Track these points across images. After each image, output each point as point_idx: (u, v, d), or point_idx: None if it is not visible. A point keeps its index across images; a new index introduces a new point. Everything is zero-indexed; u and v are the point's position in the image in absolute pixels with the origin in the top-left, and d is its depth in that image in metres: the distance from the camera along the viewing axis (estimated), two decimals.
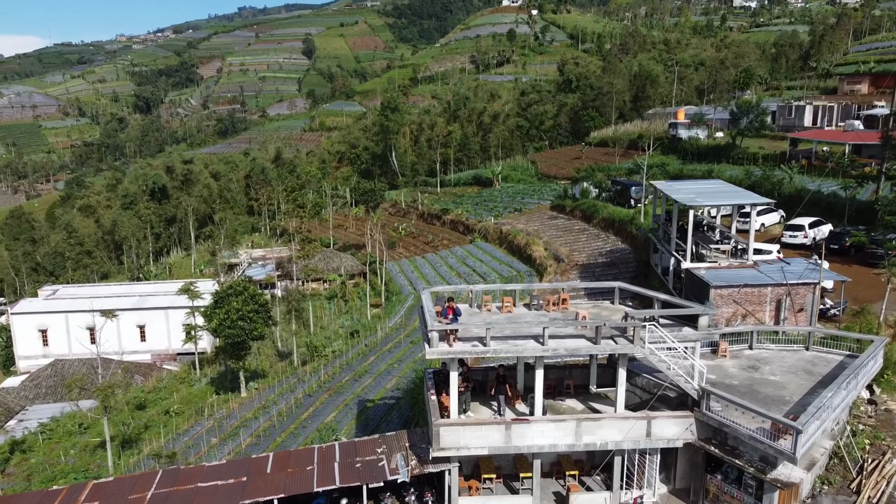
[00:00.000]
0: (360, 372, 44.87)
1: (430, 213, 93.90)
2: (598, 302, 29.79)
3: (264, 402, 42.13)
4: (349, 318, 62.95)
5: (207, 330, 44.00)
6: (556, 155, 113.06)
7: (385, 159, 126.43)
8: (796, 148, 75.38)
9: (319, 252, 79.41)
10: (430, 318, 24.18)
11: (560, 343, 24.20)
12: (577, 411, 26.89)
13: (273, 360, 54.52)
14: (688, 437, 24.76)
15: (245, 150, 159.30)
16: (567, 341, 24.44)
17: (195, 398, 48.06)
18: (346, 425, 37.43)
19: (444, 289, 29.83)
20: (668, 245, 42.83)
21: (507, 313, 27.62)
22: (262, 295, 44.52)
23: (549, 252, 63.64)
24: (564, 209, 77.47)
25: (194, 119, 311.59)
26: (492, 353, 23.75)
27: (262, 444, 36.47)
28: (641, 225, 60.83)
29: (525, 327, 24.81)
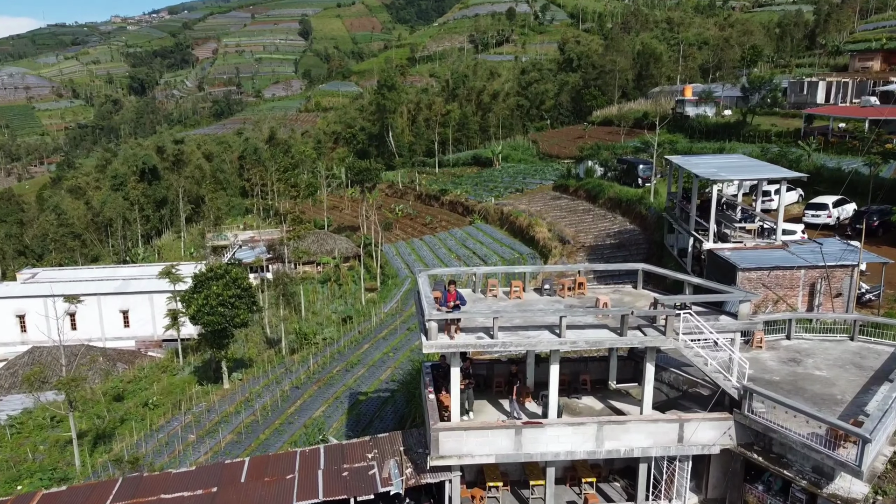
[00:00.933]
0: (353, 361, 41.44)
1: (428, 194, 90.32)
2: (619, 286, 26.21)
3: (248, 395, 38.70)
4: (343, 303, 59.44)
5: (186, 316, 40.47)
6: (558, 134, 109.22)
7: (382, 139, 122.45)
8: (811, 125, 71.65)
9: (312, 234, 75.73)
10: (427, 305, 20.63)
11: (579, 334, 20.65)
12: (596, 411, 23.42)
13: (261, 347, 51.03)
14: (726, 443, 21.30)
15: (238, 130, 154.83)
16: (587, 332, 20.88)
17: (177, 389, 44.64)
18: (336, 421, 34.03)
19: (444, 271, 26.23)
20: (686, 224, 39.27)
21: (515, 299, 24.06)
22: (245, 279, 40.95)
23: (553, 233, 60.08)
24: (568, 189, 74.13)
25: (190, 101, 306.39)
26: (500, 346, 20.20)
27: (243, 443, 33.10)
28: (651, 205, 57.39)
29: (538, 316, 21.24)
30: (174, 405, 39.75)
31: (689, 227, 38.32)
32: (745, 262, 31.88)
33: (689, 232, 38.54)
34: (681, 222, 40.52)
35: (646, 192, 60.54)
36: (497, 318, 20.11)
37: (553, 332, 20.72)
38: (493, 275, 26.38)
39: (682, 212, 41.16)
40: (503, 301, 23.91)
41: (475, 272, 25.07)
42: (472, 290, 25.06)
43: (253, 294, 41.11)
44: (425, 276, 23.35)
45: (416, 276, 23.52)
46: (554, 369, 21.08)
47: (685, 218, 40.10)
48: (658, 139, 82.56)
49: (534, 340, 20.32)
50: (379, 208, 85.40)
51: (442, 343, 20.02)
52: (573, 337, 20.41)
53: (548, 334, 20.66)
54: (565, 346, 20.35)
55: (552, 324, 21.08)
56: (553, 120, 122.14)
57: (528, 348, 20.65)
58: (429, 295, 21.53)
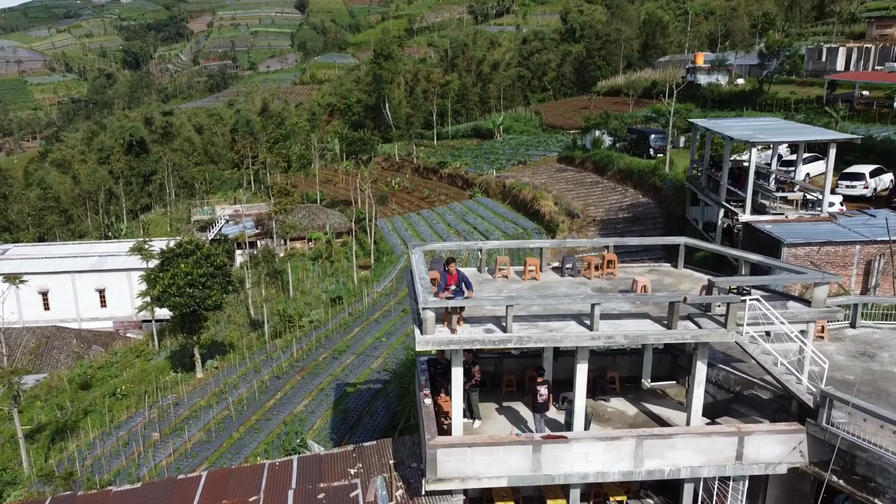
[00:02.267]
0: (341, 347, 37.01)
1: (425, 167, 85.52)
2: (654, 265, 21.62)
3: (223, 386, 34.34)
4: (334, 282, 54.95)
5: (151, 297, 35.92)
6: (562, 105, 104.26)
7: (378, 111, 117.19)
8: (834, 92, 66.85)
9: (304, 208, 71.01)
10: (422, 288, 16.09)
11: (616, 327, 16.12)
12: (629, 418, 18.98)
13: (244, 330, 46.61)
14: (795, 460, 16.89)
15: (229, 102, 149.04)
16: (626, 323, 16.35)
17: (149, 376, 40.31)
18: (320, 417, 29.67)
19: (443, 246, 21.60)
20: (715, 195, 34.66)
21: (530, 281, 19.50)
22: (218, 255, 36.32)
23: (560, 207, 55.46)
24: (574, 161, 69.57)
25: (185, 75, 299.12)
26: (516, 341, 15.66)
27: (213, 442, 28.79)
28: (667, 176, 52.86)
29: (564, 303, 16.65)
30: (141, 396, 35.41)
31: (720, 197, 33.74)
32: (791, 237, 27.36)
33: (719, 203, 33.97)
34: (708, 193, 35.92)
35: (659, 162, 55.94)
36: (512, 306, 15.55)
37: (582, 322, 16.21)
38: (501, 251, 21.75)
39: (709, 181, 36.55)
40: (516, 283, 19.36)
41: (480, 247, 20.48)
42: (478, 270, 20.50)
43: (228, 273, 36.55)
44: (420, 253, 18.77)
45: (409, 253, 18.90)
46: (581, 370, 16.59)
47: (714, 188, 35.52)
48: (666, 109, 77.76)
49: (558, 334, 15.77)
50: (374, 182, 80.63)
51: (441, 338, 15.50)
52: (608, 330, 15.89)
53: (575, 326, 16.14)
54: (598, 342, 15.82)
55: (580, 312, 16.57)
56: (556, 91, 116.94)
57: (550, 344, 16.10)
58: (424, 276, 16.97)
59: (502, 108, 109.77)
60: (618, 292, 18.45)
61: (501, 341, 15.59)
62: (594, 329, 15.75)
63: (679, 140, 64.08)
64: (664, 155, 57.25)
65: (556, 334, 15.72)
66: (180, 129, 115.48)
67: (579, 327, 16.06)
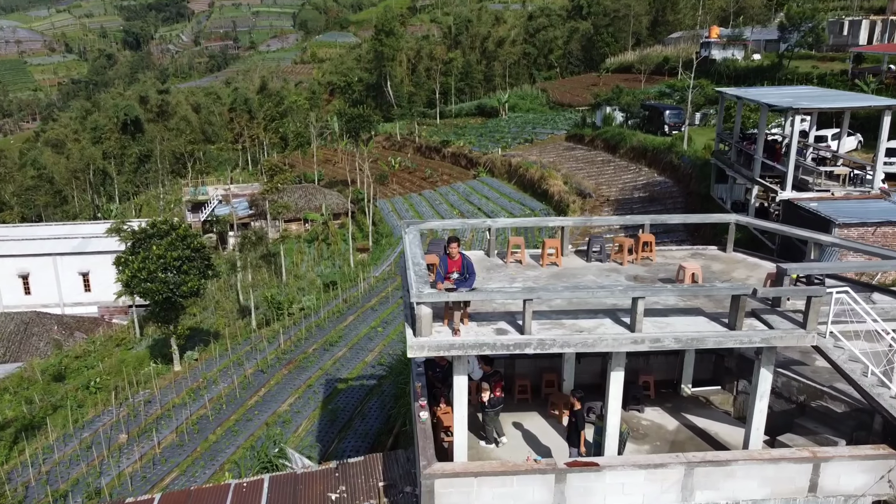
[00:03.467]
0: (333, 338, 33.61)
1: (428, 146, 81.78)
2: (698, 248, 18.02)
3: (202, 380, 31.01)
4: (330, 265, 51.49)
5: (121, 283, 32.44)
6: (569, 82, 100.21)
7: (379, 90, 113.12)
8: (859, 66, 62.76)
9: (300, 187, 67.42)
10: (416, 277, 12.56)
11: (663, 326, 12.58)
12: (670, 433, 15.52)
13: (232, 317, 43.22)
14: (883, 492, 13.43)
15: (226, 80, 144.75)
16: (674, 322, 12.82)
17: (128, 367, 37.01)
18: (306, 419, 26.32)
19: (443, 225, 18.01)
20: (747, 170, 31.00)
21: (550, 267, 15.96)
22: (196, 237, 32.74)
23: (570, 186, 51.80)
24: (583, 139, 65.88)
25: (185, 56, 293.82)
26: (536, 345, 12.12)
27: (185, 446, 25.48)
28: (685, 153, 49.13)
29: (596, 295, 13.02)
30: (113, 391, 32.09)
31: (753, 173, 30.09)
32: (843, 216, 23.78)
33: (752, 179, 30.32)
34: (739, 168, 32.25)
35: (676, 139, 52.20)
36: (532, 300, 11.99)
37: (619, 321, 12.68)
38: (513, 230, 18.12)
39: (739, 155, 32.87)
40: (532, 270, 15.83)
41: (489, 226, 16.91)
42: (486, 254, 16.97)
43: (207, 256, 33.06)
44: (415, 233, 15.21)
45: (403, 233, 15.36)
46: (616, 379, 13.07)
47: (745, 162, 31.88)
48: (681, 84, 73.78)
49: (590, 337, 12.22)
50: (375, 161, 76.98)
51: (439, 342, 11.97)
52: (654, 331, 12.35)
53: (611, 325, 12.62)
54: (642, 346, 12.28)
55: (615, 307, 13.03)
56: (562, 69, 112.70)
57: (581, 349, 12.53)
58: (420, 261, 13.43)
59: (507, 86, 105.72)
60: (658, 281, 14.90)
61: (517, 345, 12.06)
62: (636, 329, 12.21)
63: (695, 117, 60.41)
64: (680, 132, 53.69)
65: (587, 337, 12.18)
66: (177, 107, 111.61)
67: (616, 327, 12.53)
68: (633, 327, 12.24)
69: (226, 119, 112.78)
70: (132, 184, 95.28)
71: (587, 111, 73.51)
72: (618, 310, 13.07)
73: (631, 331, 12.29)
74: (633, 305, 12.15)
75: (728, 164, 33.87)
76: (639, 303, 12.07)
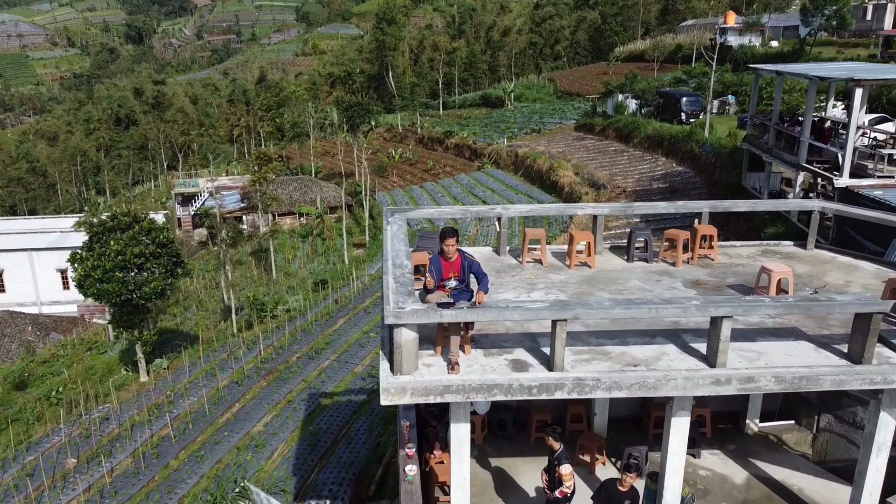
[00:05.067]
0: (320, 344, 29.76)
1: (430, 137, 77.85)
2: (770, 244, 14.00)
3: (169, 394, 27.18)
4: (324, 262, 47.66)
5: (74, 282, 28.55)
6: (578, 72, 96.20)
7: (381, 81, 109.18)
8: (889, 50, 58.66)
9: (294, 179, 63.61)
10: (395, 285, 8.62)
11: (754, 359, 8.60)
12: (739, 489, 11.59)
13: (216, 318, 39.40)
14: None
15: (224, 70, 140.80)
16: (767, 350, 8.86)
17: (97, 374, 33.31)
18: (284, 441, 22.49)
19: (438, 213, 14.01)
20: (790, 155, 27.01)
21: (579, 268, 12.02)
22: (162, 231, 28.79)
23: (581, 178, 47.85)
24: (594, 129, 62.05)
25: (188, 50, 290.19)
26: (571, 386, 8.15)
27: (142, 474, 21.67)
28: (706, 141, 45.18)
29: (658, 312, 8.93)
30: (69, 404, 28.29)
31: (798, 157, 26.06)
32: None
33: (797, 165, 26.30)
34: (779, 153, 28.22)
35: (696, 126, 48.24)
36: (565, 322, 8.02)
37: (685, 347, 8.73)
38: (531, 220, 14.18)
39: (779, 139, 28.85)
40: (557, 272, 11.90)
41: (499, 215, 12.94)
42: (494, 251, 13.03)
43: (176, 252, 29.14)
44: (400, 222, 11.29)
45: (384, 223, 11.42)
46: (680, 429, 9.10)
47: (787, 147, 27.84)
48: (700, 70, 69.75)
49: (651, 375, 8.26)
50: (375, 153, 73.10)
51: (429, 384, 8.04)
52: (743, 365, 8.37)
53: (676, 354, 8.69)
54: (728, 388, 8.30)
55: (678, 326, 9.09)
56: (570, 59, 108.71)
57: (641, 393, 8.51)
58: (402, 261, 9.48)
59: (513, 76, 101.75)
60: (727, 288, 10.96)
61: (544, 387, 8.12)
62: (717, 363, 8.26)
63: (713, 105, 56.47)
64: (698, 119, 49.87)
65: (646, 375, 8.22)
66: (173, 99, 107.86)
67: (685, 357, 8.60)
68: (714, 359, 8.30)
69: (224, 111, 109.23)
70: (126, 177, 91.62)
71: (598, 100, 69.57)
72: (682, 330, 9.14)
73: (710, 364, 8.35)
74: (715, 328, 8.21)
75: (765, 149, 29.84)
76: (723, 324, 8.11)
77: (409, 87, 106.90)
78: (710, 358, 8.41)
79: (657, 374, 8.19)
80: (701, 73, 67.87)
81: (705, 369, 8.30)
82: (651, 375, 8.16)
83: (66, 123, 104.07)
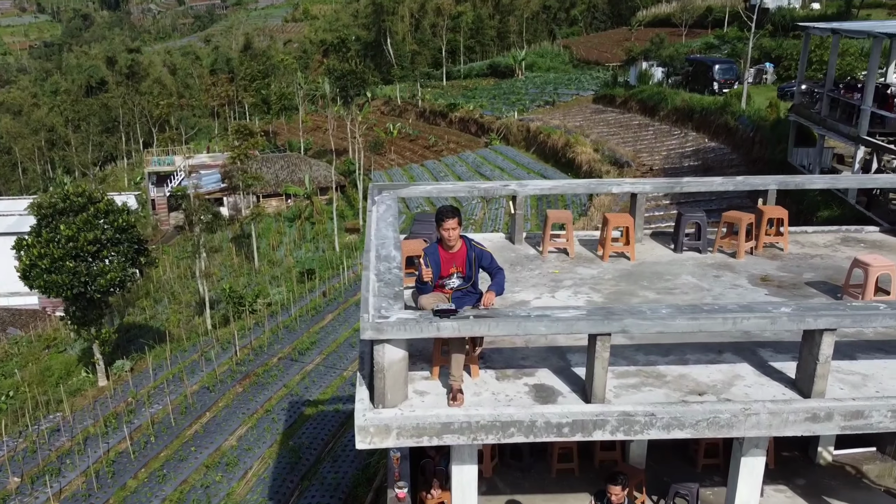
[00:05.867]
0: (304, 343, 28.17)
1: (432, 111, 76.22)
2: (851, 229, 12.24)
3: (130, 401, 25.61)
4: (313, 248, 46.10)
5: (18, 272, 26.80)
6: (596, 38, 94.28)
7: (378, 48, 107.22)
8: None
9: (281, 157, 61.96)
10: (378, 284, 6.94)
11: (858, 386, 6.92)
12: None
13: (191, 312, 37.84)
14: None
15: (206, 38, 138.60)
16: (873, 371, 7.17)
17: (54, 376, 31.83)
18: (259, 458, 20.96)
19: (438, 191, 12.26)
20: (848, 126, 25.26)
21: (614, 259, 10.34)
22: (121, 214, 26.97)
23: (602, 155, 46.19)
24: (614, 100, 60.40)
25: (168, 16, 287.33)
26: (616, 423, 6.48)
27: (95, 497, 20.07)
28: (742, 113, 43.44)
29: (735, 325, 7.13)
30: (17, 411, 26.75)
31: (859, 129, 24.30)
32: None
33: (856, 138, 24.56)
34: (835, 124, 26.44)
35: (732, 96, 46.43)
36: (607, 337, 6.34)
37: (762, 365, 7.07)
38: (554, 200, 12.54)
39: (834, 108, 27.05)
40: (587, 266, 10.22)
41: (513, 193, 11.22)
42: (508, 238, 11.35)
43: (137, 238, 27.38)
44: (389, 203, 9.62)
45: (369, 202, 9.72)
46: (752, 472, 7.46)
47: (844, 117, 26.08)
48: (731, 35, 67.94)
49: (723, 410, 6.57)
50: (371, 128, 71.38)
51: (422, 421, 6.39)
52: (852, 398, 6.69)
53: (753, 377, 7.05)
54: (829, 427, 6.64)
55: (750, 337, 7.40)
56: (587, 25, 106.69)
57: (710, 432, 6.82)
58: (390, 252, 7.81)
59: (524, 43, 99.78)
60: (804, 285, 9.27)
61: (579, 425, 6.46)
62: (813, 392, 6.59)
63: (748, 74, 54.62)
64: (733, 89, 48.12)
65: (716, 410, 6.54)
66: (149, 69, 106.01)
67: (764, 382, 6.95)
68: (808, 386, 6.64)
69: (205, 82, 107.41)
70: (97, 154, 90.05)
71: (619, 69, 67.71)
72: (757, 343, 7.49)
73: (802, 393, 6.69)
74: (810, 344, 6.54)
75: (816, 120, 28.08)
76: (823, 340, 6.44)
77: (409, 56, 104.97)
78: (801, 384, 6.76)
79: (732, 407, 6.53)
80: (735, 38, 65.94)
81: (797, 400, 6.64)
82: (724, 409, 6.50)
83: (32, 95, 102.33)
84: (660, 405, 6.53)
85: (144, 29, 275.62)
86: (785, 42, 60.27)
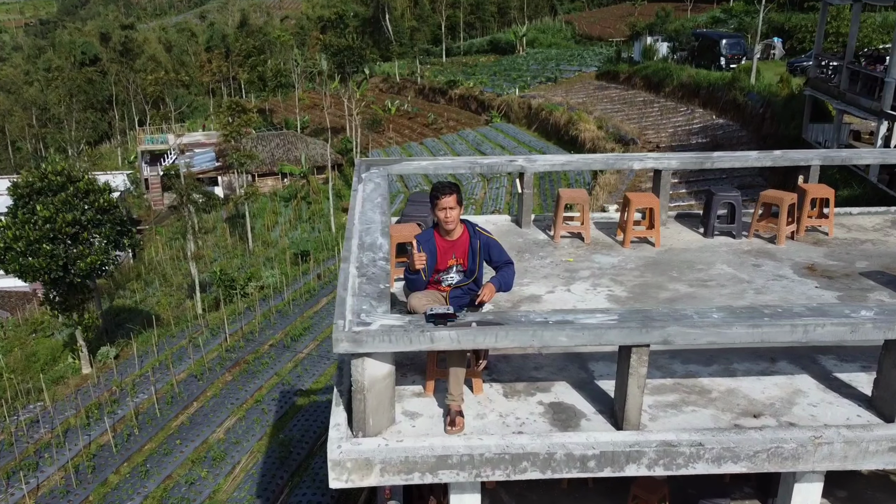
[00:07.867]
0: (297, 329, 26.91)
1: (432, 88, 74.53)
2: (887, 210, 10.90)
3: (114, 390, 24.43)
4: (308, 229, 44.78)
5: None
6: (599, 13, 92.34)
7: (377, 25, 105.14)
8: None
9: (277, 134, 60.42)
10: (359, 279, 5.63)
11: None
12: None
13: (182, 296, 36.56)
14: None
15: (201, 13, 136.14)
16: None
17: (40, 362, 30.63)
18: (248, 452, 19.79)
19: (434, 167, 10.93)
20: (869, 100, 23.83)
21: (637, 245, 9.01)
22: (103, 193, 25.56)
23: (606, 132, 44.70)
24: (618, 76, 58.85)
25: None
26: (655, 459, 5.19)
27: (74, 493, 18.91)
28: (751, 89, 41.97)
29: (801, 332, 5.80)
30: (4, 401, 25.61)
31: (882, 103, 22.88)
32: None
33: (879, 112, 23.14)
34: (855, 98, 25.00)
35: (740, 71, 44.85)
36: (646, 347, 5.04)
37: (826, 377, 5.75)
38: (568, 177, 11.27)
39: (854, 82, 25.59)
40: (606, 253, 8.89)
41: (521, 170, 9.86)
42: (514, 222, 10.01)
43: (120, 219, 26.02)
44: (378, 181, 8.31)
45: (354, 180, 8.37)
46: (808, 498, 6.16)
47: (865, 90, 24.63)
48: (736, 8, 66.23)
49: (790, 438, 5.29)
50: (369, 105, 69.71)
51: (411, 453, 5.09)
52: None
53: (817, 393, 5.75)
54: None
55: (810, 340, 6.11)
56: (589, 0, 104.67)
57: (772, 467, 5.56)
58: (377, 240, 6.47)
59: (525, 19, 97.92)
60: (858, 275, 7.96)
61: (608, 458, 5.16)
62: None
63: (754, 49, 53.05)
64: (741, 64, 46.60)
65: (781, 438, 5.25)
66: (144, 45, 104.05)
67: (832, 398, 5.66)
68: (889, 407, 5.34)
69: (201, 59, 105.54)
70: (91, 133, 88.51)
71: (622, 44, 65.96)
72: (815, 349, 6.17)
73: (883, 416, 5.40)
74: (892, 356, 5.23)
75: (835, 94, 26.63)
76: None
77: (408, 32, 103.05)
78: (880, 404, 5.46)
79: (799, 434, 5.23)
80: (742, 13, 64.17)
81: (878, 425, 5.35)
82: (789, 438, 5.21)
83: (25, 73, 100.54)
84: (708, 432, 5.24)
85: (140, 6, 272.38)
86: (794, 16, 58.60)
